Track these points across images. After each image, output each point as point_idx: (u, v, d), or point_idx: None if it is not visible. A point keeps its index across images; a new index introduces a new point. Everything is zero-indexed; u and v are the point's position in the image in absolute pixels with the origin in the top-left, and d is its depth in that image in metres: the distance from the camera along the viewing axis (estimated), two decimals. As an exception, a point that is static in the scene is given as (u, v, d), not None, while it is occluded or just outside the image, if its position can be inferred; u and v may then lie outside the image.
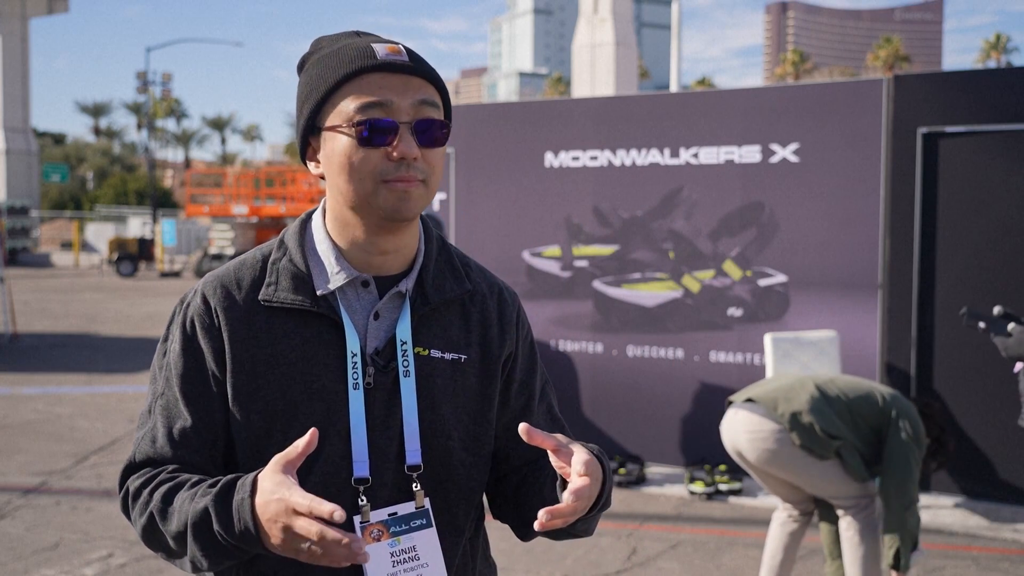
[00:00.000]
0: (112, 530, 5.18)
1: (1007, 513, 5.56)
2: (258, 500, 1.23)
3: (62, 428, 7.71)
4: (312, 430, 1.23)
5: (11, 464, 6.57)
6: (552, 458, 1.31)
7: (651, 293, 6.51)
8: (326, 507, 1.16)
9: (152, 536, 1.37)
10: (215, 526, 1.27)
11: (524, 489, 1.49)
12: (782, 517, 4.09)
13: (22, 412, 8.32)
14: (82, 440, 7.30)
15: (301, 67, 1.44)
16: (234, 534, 1.25)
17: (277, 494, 1.21)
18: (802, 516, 4.07)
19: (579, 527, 1.44)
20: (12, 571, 4.61)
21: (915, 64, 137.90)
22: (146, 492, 1.37)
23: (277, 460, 1.23)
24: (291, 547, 1.20)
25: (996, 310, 3.00)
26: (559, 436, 1.33)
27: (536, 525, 1.27)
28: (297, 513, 1.18)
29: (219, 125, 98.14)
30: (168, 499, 1.34)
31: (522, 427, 1.29)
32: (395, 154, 1.34)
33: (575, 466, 1.27)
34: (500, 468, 1.54)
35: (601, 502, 1.38)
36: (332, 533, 1.16)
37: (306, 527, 1.17)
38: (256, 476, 1.26)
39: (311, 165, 1.44)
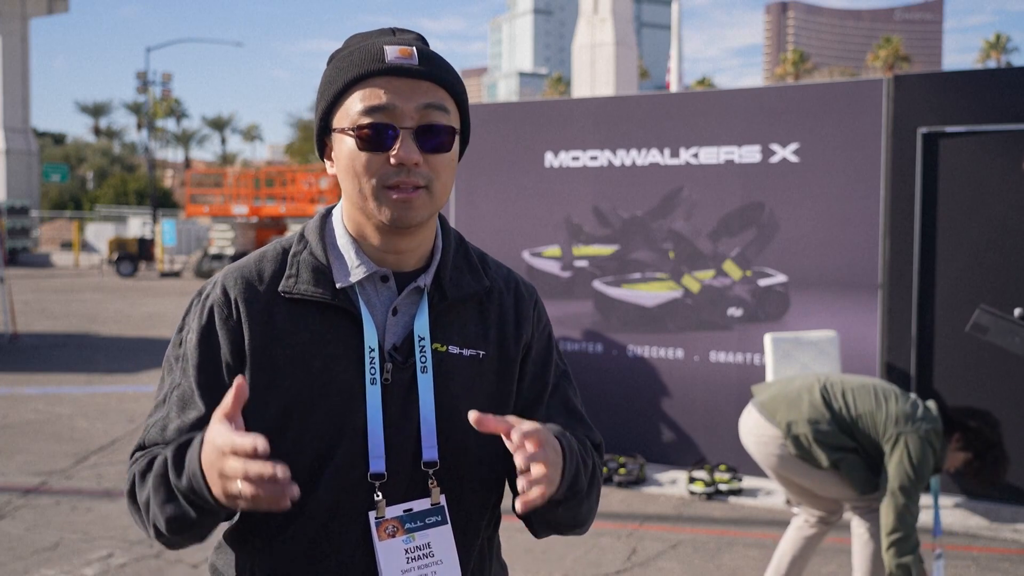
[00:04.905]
0: (112, 530, 5.18)
1: (1007, 513, 5.56)
2: (203, 449, 1.22)
3: (62, 428, 7.71)
4: (239, 379, 1.20)
5: (11, 464, 6.56)
6: (507, 443, 1.27)
7: (651, 293, 6.51)
8: (246, 441, 1.13)
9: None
10: (171, 476, 1.27)
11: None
12: (799, 521, 4.05)
13: (22, 412, 8.32)
14: (82, 440, 7.30)
15: (329, 64, 1.45)
16: (184, 484, 1.25)
17: (211, 440, 1.19)
18: (820, 523, 3.98)
19: (561, 515, 1.40)
20: (12, 571, 4.61)
21: (915, 64, 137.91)
22: (147, 463, 1.37)
23: (217, 412, 1.21)
24: (228, 492, 1.19)
25: (1018, 311, 2.90)
26: (510, 418, 1.29)
27: (518, 504, 1.25)
28: (226, 454, 1.16)
29: (219, 125, 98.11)
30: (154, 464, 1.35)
31: (471, 415, 1.26)
32: (394, 160, 1.34)
33: (513, 433, 1.24)
34: (510, 465, 1.52)
35: (565, 480, 1.33)
36: (256, 467, 1.13)
37: (233, 466, 1.15)
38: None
39: (328, 164, 1.44)
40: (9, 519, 5.39)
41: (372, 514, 1.37)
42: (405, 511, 1.39)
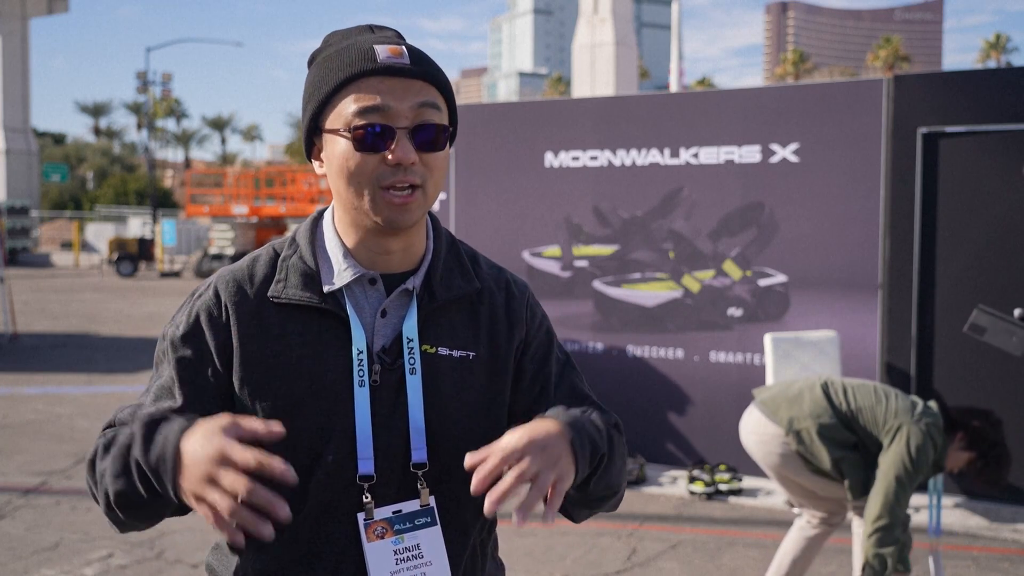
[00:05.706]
0: (112, 530, 5.17)
1: (1007, 513, 5.56)
2: (191, 433, 1.19)
3: (62, 428, 7.71)
4: (278, 426, 1.18)
5: (11, 464, 6.57)
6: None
7: (651, 293, 6.51)
8: (277, 464, 1.12)
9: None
10: (135, 449, 1.23)
11: None
12: (801, 522, 4.03)
13: (22, 412, 8.32)
14: (82, 440, 7.30)
15: (311, 63, 1.44)
16: (151, 461, 1.21)
17: (217, 438, 1.15)
18: (822, 524, 3.96)
19: (593, 489, 1.36)
20: (12, 571, 4.61)
21: (915, 64, 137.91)
22: (113, 436, 1.33)
23: (229, 420, 1.18)
24: (199, 494, 1.15)
25: (1018, 312, 2.89)
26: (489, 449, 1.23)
27: (486, 505, 1.19)
28: (224, 460, 1.14)
29: (219, 125, 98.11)
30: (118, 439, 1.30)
31: (467, 458, 1.22)
32: (391, 159, 1.34)
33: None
34: None
35: (583, 453, 1.28)
36: (263, 493, 1.11)
37: (234, 481, 1.12)
38: (199, 419, 1.22)
39: (316, 164, 1.44)
40: (9, 519, 5.40)
41: (361, 516, 1.37)
42: (394, 512, 1.39)
